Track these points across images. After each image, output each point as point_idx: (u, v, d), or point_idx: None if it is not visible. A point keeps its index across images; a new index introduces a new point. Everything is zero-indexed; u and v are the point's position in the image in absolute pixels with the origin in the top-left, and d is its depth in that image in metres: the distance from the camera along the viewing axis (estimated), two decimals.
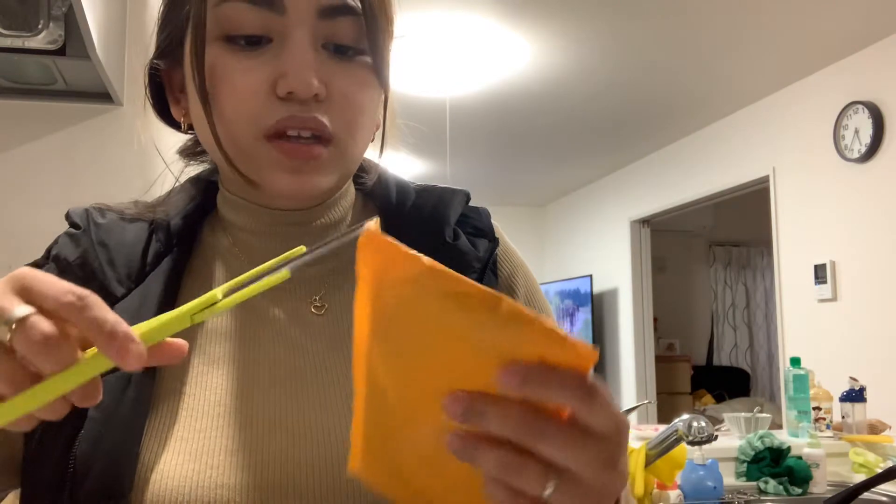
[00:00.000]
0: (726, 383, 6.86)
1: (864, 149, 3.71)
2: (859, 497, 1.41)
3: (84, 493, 0.52)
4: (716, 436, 1.71)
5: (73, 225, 0.66)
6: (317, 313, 0.64)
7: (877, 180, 3.68)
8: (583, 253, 6.77)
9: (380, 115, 0.67)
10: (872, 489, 1.63)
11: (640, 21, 3.42)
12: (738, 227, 6.90)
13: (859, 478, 2.12)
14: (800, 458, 2.12)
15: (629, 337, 5.91)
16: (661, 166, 5.56)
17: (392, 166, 0.75)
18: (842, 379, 2.64)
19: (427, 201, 0.71)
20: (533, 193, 7.15)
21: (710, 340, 7.15)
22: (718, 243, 7.15)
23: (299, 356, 0.61)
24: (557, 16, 3.36)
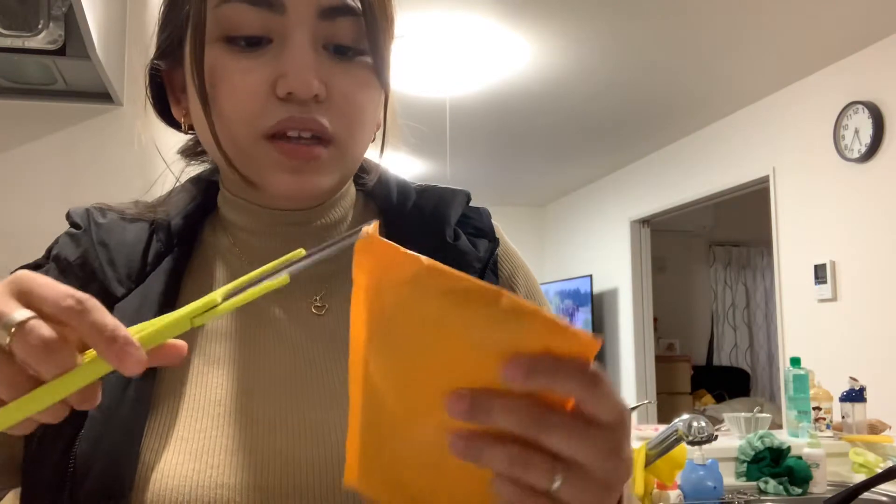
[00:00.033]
0: (726, 383, 6.86)
1: (864, 149, 3.71)
2: (859, 497, 1.41)
3: (84, 492, 0.52)
4: (716, 436, 1.70)
5: (73, 225, 0.66)
6: (317, 314, 0.64)
7: (877, 180, 3.68)
8: (583, 253, 6.77)
9: (380, 115, 0.67)
10: (872, 489, 1.63)
11: (640, 21, 3.42)
12: (738, 227, 6.90)
13: (859, 478, 2.12)
14: (800, 458, 2.12)
15: (629, 337, 5.91)
16: (661, 166, 5.56)
17: (392, 166, 0.75)
18: (842, 379, 2.64)
19: (428, 201, 0.71)
20: (533, 193, 7.15)
21: (710, 340, 7.15)
22: (718, 243, 7.15)
23: (299, 356, 0.61)
24: (557, 16, 3.36)
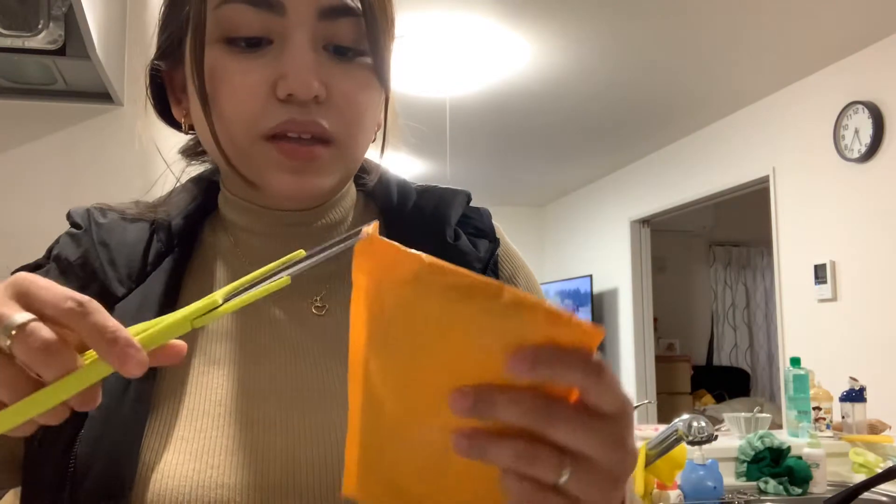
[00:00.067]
0: (726, 383, 6.86)
1: (864, 149, 3.71)
2: (859, 497, 1.41)
3: (84, 492, 0.52)
4: (716, 436, 1.71)
5: (74, 225, 0.66)
6: (317, 314, 0.64)
7: (877, 180, 3.68)
8: (583, 253, 6.77)
9: (380, 115, 0.67)
10: (872, 489, 1.63)
11: (640, 21, 3.42)
12: (738, 227, 6.90)
13: (859, 478, 2.12)
14: (800, 458, 2.12)
15: (629, 337, 5.91)
16: (661, 166, 5.56)
17: (392, 166, 0.75)
18: (842, 379, 2.64)
19: (428, 202, 0.71)
20: (533, 193, 7.15)
21: (710, 340, 7.15)
22: (718, 243, 7.15)
23: (300, 356, 0.61)
24: (557, 16, 3.36)
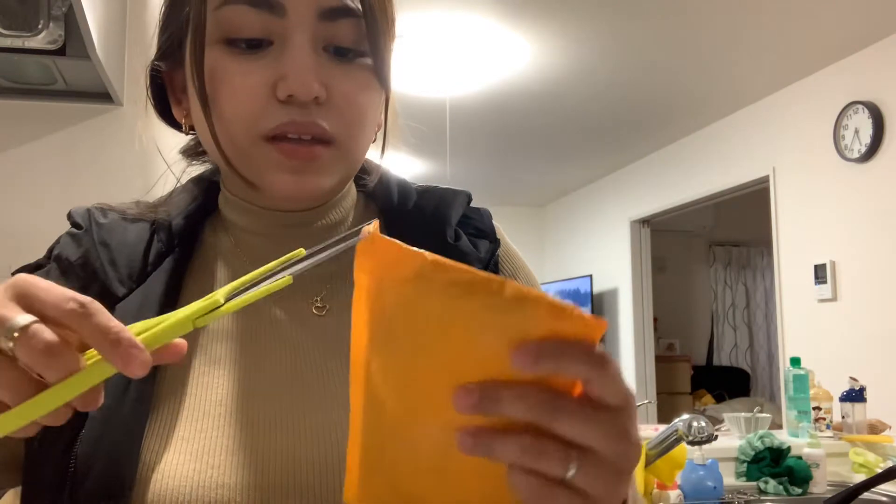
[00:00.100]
0: (726, 383, 6.86)
1: (864, 149, 3.71)
2: (859, 497, 1.41)
3: (84, 492, 0.52)
4: (716, 436, 1.71)
5: (74, 225, 0.66)
6: (318, 314, 0.64)
7: (877, 180, 3.68)
8: (583, 253, 6.77)
9: (381, 116, 0.67)
10: (872, 489, 1.63)
11: (640, 21, 3.43)
12: (738, 227, 6.90)
13: (859, 478, 2.12)
14: (800, 458, 2.12)
15: (629, 337, 5.91)
16: (661, 166, 5.56)
17: (392, 167, 0.75)
18: (842, 379, 2.64)
19: (429, 202, 0.71)
20: (533, 193, 7.15)
21: (710, 340, 7.15)
22: (718, 243, 7.15)
23: (300, 357, 0.61)
24: (557, 16, 3.36)
